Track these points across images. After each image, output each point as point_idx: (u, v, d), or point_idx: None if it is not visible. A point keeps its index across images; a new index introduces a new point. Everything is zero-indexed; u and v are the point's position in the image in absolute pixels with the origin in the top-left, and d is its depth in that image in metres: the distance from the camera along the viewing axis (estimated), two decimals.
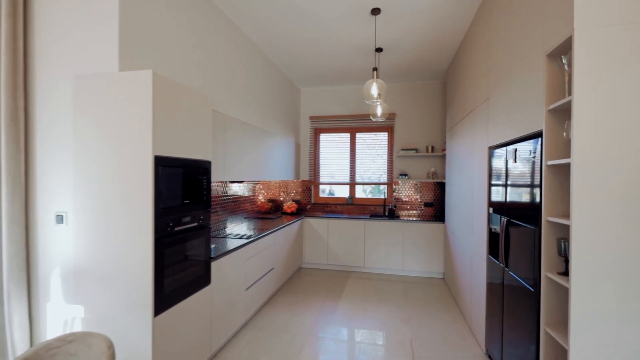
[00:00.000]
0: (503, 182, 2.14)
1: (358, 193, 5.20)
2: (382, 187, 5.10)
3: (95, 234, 1.72)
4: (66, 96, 1.83)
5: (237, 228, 3.50)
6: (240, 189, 3.87)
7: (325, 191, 5.36)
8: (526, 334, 1.75)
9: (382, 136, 5.09)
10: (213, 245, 2.61)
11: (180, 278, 1.89)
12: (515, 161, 1.94)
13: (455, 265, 3.59)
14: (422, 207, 4.89)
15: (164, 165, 1.74)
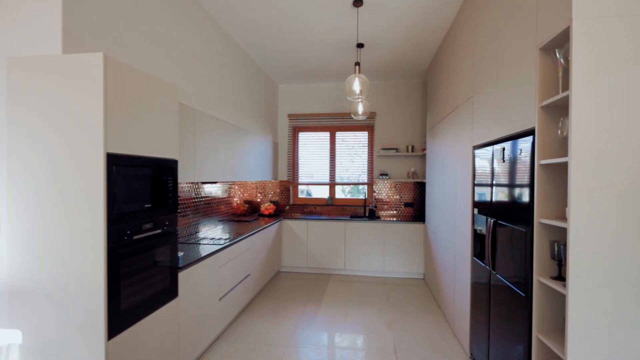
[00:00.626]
0: (489, 182, 2.07)
1: (338, 193, 5.08)
2: (362, 187, 5.01)
3: (35, 245, 1.46)
4: None
5: (211, 232, 3.26)
6: (214, 190, 3.62)
7: (304, 192, 5.20)
8: (516, 340, 1.68)
9: (362, 135, 5.00)
10: (181, 253, 2.37)
11: (140, 293, 1.66)
12: (503, 161, 1.87)
13: (436, 266, 3.54)
14: (402, 207, 4.84)
15: (119, 164, 1.50)
